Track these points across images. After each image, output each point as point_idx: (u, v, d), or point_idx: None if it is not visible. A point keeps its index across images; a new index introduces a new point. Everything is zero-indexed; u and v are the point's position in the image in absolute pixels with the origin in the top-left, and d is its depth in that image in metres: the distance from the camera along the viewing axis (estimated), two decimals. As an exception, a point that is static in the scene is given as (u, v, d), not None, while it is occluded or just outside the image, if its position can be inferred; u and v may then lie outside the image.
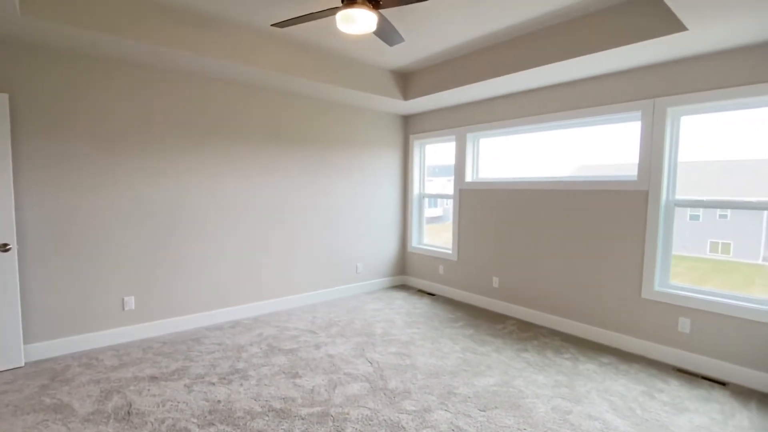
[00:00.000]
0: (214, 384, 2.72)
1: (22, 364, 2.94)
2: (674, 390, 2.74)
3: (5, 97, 2.78)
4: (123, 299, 3.44)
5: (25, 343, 3.02)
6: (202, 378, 2.81)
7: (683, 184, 3.22)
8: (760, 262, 3.76)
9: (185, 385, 2.70)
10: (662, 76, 3.17)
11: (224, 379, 2.80)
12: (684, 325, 3.10)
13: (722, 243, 4.06)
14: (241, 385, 2.72)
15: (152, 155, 3.50)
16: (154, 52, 3.04)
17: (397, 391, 2.66)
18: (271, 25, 2.69)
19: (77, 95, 3.14)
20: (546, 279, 4.00)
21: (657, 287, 3.26)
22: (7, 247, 2.83)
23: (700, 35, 2.56)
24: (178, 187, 3.66)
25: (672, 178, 3.23)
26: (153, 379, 2.79)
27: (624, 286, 3.43)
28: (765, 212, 3.68)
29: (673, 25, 2.54)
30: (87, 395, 2.56)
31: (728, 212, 4.11)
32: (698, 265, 4.03)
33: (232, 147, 3.96)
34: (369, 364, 3.06)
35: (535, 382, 2.82)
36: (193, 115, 3.71)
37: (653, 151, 3.23)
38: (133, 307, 3.48)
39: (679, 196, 3.22)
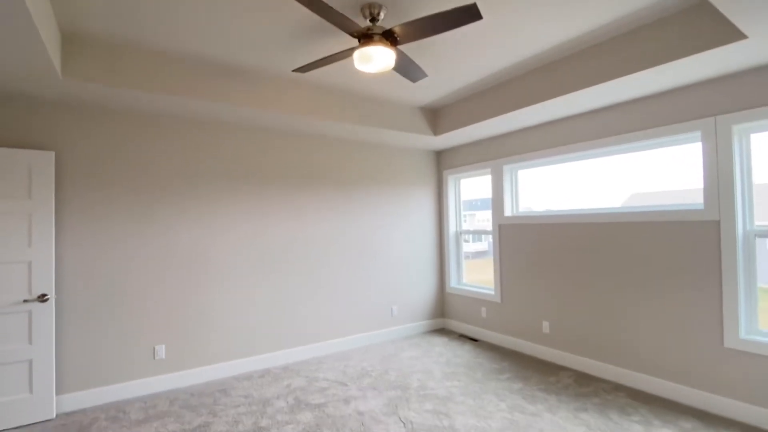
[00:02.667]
0: (234, 444, 2.54)
1: (53, 417, 2.93)
2: (783, 469, 2.18)
3: (51, 155, 2.96)
4: (154, 348, 3.41)
5: (57, 394, 3.02)
6: (223, 437, 2.63)
7: (761, 209, 2.75)
8: None
9: (205, 445, 2.53)
10: (723, 91, 2.81)
11: (245, 438, 2.61)
12: (785, 382, 2.54)
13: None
14: (262, 446, 2.51)
15: (184, 204, 3.58)
16: (185, 104, 3.16)
17: (431, 460, 2.33)
18: (293, 70, 2.70)
19: (116, 149, 3.30)
20: (605, 323, 3.52)
21: (743, 335, 2.73)
22: (46, 297, 2.90)
23: (763, 43, 2.24)
24: (209, 235, 3.69)
25: (748, 205, 2.78)
26: (174, 436, 2.65)
27: (701, 333, 2.92)
28: None
29: (730, 34, 2.25)
30: (106, 454, 2.46)
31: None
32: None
33: (262, 192, 3.98)
34: (402, 425, 2.74)
35: (598, 452, 2.37)
36: (225, 163, 3.79)
37: (720, 174, 2.81)
38: (163, 356, 3.44)
39: (759, 224, 2.75)
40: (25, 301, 2.85)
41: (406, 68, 2.70)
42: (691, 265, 2.97)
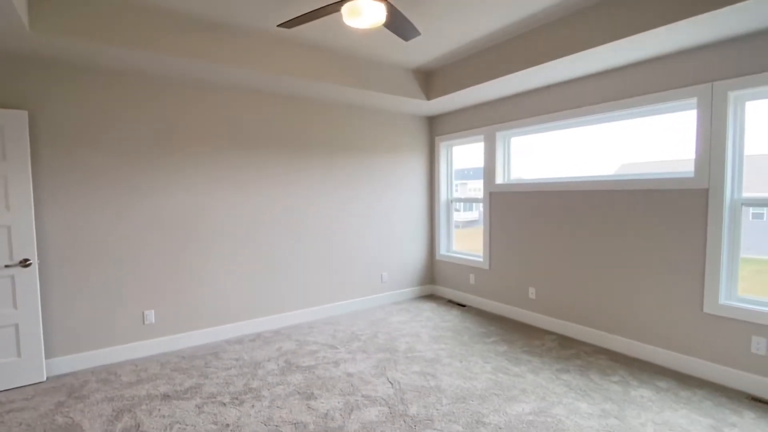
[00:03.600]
0: (225, 405, 2.59)
1: (44, 379, 2.95)
2: (750, 424, 2.30)
3: (24, 114, 2.81)
4: (143, 313, 3.40)
5: (47, 357, 3.03)
6: (214, 397, 2.68)
7: (749, 179, 2.76)
8: None
9: (196, 405, 2.58)
10: (721, 56, 2.74)
11: (236, 399, 2.66)
12: (759, 345, 2.63)
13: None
14: (253, 406, 2.56)
15: (170, 167, 3.47)
16: (164, 62, 2.99)
17: (418, 418, 2.41)
18: (277, 25, 2.55)
19: (94, 109, 3.15)
20: (590, 289, 3.59)
21: (723, 300, 2.81)
22: (28, 262, 2.85)
23: (765, 5, 2.16)
24: (197, 198, 3.61)
25: (737, 174, 2.78)
26: (165, 397, 2.69)
27: (682, 299, 2.99)
28: None
29: (734, -8, 2.16)
30: (99, 414, 2.49)
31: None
32: (765, 268, 3.48)
33: (250, 157, 3.88)
34: (390, 385, 2.82)
35: (578, 410, 2.47)
36: (211, 125, 3.66)
37: (713, 142, 2.80)
38: (153, 320, 3.44)
39: (746, 194, 2.76)
40: (6, 266, 2.80)
41: (398, 25, 2.57)
42: (676, 232, 3.01)
